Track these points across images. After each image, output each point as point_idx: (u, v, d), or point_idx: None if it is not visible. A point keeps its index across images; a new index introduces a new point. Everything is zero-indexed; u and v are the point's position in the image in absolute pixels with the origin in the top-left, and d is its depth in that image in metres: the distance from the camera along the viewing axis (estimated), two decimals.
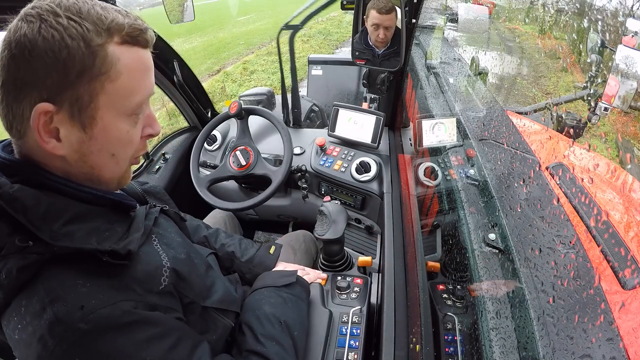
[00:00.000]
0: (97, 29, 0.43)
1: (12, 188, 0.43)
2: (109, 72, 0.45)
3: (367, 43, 1.37)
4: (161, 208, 0.67)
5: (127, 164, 0.53)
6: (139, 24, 0.48)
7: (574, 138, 1.29)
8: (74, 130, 0.45)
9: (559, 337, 0.41)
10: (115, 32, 0.45)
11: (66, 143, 0.46)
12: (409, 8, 1.12)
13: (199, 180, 1.26)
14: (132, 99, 0.48)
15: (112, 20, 0.45)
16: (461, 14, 2.15)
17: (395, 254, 0.91)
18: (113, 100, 0.46)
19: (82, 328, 0.41)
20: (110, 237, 0.49)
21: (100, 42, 0.43)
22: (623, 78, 0.97)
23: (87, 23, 0.43)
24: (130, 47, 0.47)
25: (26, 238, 0.43)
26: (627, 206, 0.96)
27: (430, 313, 0.76)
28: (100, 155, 0.49)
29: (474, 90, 1.37)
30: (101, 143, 0.48)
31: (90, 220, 0.48)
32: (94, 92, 0.44)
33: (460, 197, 0.83)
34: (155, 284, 0.52)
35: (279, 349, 0.64)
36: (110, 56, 0.44)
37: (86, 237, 0.46)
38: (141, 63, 0.48)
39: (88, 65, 0.43)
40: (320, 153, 1.38)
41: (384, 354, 0.68)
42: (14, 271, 0.42)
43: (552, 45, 1.87)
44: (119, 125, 0.48)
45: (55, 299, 0.42)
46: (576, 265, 0.50)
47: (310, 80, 2.60)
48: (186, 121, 1.68)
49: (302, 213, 1.54)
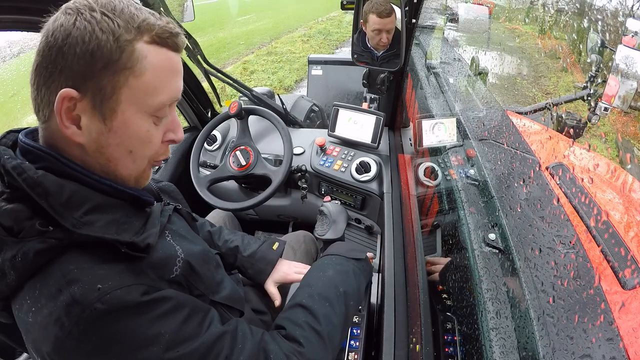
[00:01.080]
0: (128, 26, 0.46)
1: (36, 173, 0.44)
2: (134, 68, 0.46)
3: (366, 45, 1.36)
4: (175, 207, 0.68)
5: (145, 163, 0.54)
6: (170, 28, 0.49)
7: (574, 138, 1.29)
8: (94, 120, 0.47)
9: (559, 337, 0.41)
10: (145, 31, 0.47)
11: (86, 132, 0.47)
12: (409, 8, 1.12)
13: (199, 180, 1.26)
14: (155, 98, 0.49)
15: (143, 20, 0.47)
16: (461, 14, 2.16)
17: (395, 254, 0.91)
18: (135, 95, 0.47)
19: (99, 308, 0.42)
20: (128, 229, 0.50)
21: (129, 38, 0.45)
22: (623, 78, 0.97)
23: (119, 20, 0.45)
24: (158, 47, 0.48)
25: (46, 223, 0.44)
26: (627, 206, 0.96)
27: (430, 313, 0.76)
28: (118, 150, 0.50)
29: (474, 90, 1.37)
30: (120, 137, 0.49)
31: (110, 211, 0.49)
32: (117, 84, 0.46)
33: (460, 197, 0.83)
34: (167, 272, 0.53)
35: (329, 311, 0.64)
36: (137, 53, 0.46)
37: (106, 227, 0.47)
38: (167, 64, 0.50)
39: (114, 58, 0.45)
40: (320, 153, 1.38)
41: (384, 354, 0.68)
42: (31, 254, 0.43)
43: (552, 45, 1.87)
44: (139, 122, 0.49)
45: (71, 280, 0.43)
46: (576, 265, 0.50)
47: (310, 80, 2.60)
48: (186, 121, 1.68)
49: (302, 213, 1.54)
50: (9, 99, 2.94)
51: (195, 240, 0.65)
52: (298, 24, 9.06)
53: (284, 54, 6.62)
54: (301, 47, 6.87)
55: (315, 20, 9.18)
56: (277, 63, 6.12)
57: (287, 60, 6.25)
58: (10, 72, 3.29)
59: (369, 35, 1.33)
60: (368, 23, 1.30)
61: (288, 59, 6.30)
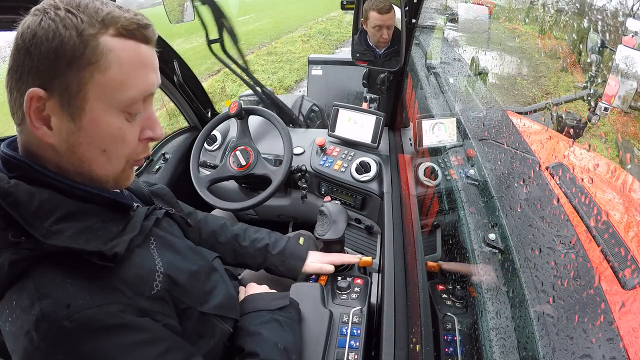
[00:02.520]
0: (92, 21, 0.44)
1: (8, 184, 0.44)
2: (99, 62, 0.45)
3: (368, 44, 1.37)
4: (166, 211, 0.66)
5: (122, 163, 0.52)
6: (138, 19, 0.48)
7: (574, 138, 1.29)
8: (63, 119, 0.46)
9: (559, 337, 0.41)
10: (110, 24, 0.45)
11: (57, 132, 0.46)
12: (409, 8, 1.12)
13: (199, 180, 1.26)
14: (124, 93, 0.47)
15: (108, 13, 0.46)
16: (461, 14, 2.16)
17: (395, 254, 0.91)
18: (103, 91, 0.46)
19: (67, 326, 0.42)
20: (101, 236, 0.48)
21: (93, 32, 0.44)
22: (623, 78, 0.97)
23: (82, 15, 0.44)
24: (125, 40, 0.47)
25: (19, 233, 0.44)
26: (627, 206, 0.96)
27: (430, 313, 0.76)
28: (90, 149, 0.48)
29: (474, 90, 1.37)
30: (90, 136, 0.47)
31: (82, 218, 0.48)
32: (82, 80, 0.45)
33: (460, 197, 0.83)
34: (147, 288, 0.51)
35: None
36: (102, 47, 0.45)
37: (75, 235, 0.46)
38: (135, 57, 0.48)
39: (78, 54, 0.44)
40: (320, 153, 1.38)
41: (384, 354, 0.68)
42: (6, 265, 0.43)
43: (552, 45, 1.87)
44: (109, 119, 0.48)
45: (43, 295, 0.42)
46: (576, 265, 0.50)
47: (310, 80, 2.60)
48: (186, 121, 1.68)
49: (302, 213, 1.54)
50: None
51: (182, 250, 0.63)
52: (298, 24, 9.06)
53: (284, 54, 6.62)
54: (301, 47, 6.87)
55: (315, 20, 9.18)
56: (277, 63, 6.12)
57: (287, 60, 6.25)
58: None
59: (370, 32, 1.34)
60: (369, 20, 1.31)
61: (288, 59, 6.30)
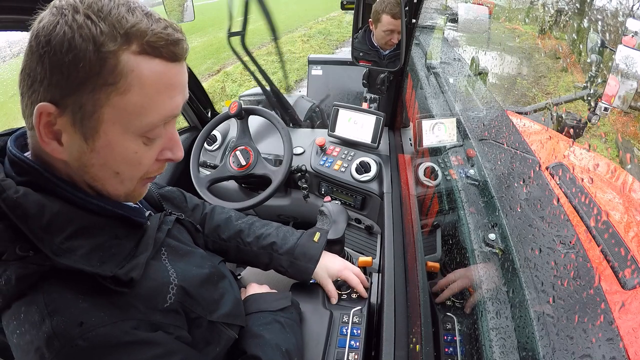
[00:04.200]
0: (113, 32, 0.39)
1: (16, 193, 0.41)
2: (117, 84, 0.40)
3: (372, 44, 1.36)
4: (177, 217, 0.64)
5: (135, 183, 0.49)
6: (167, 33, 0.42)
7: (574, 138, 1.29)
8: (75, 138, 0.42)
9: (559, 337, 0.41)
10: (134, 38, 0.40)
11: (67, 149, 0.43)
12: (409, 8, 1.12)
13: (199, 180, 1.26)
14: (143, 118, 0.43)
15: (133, 25, 0.40)
16: (461, 14, 2.15)
17: (395, 254, 0.91)
18: (120, 115, 0.42)
19: (80, 345, 0.40)
20: (115, 254, 0.46)
21: (113, 48, 0.39)
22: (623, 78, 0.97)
23: (103, 24, 0.39)
24: (149, 58, 0.41)
25: (27, 247, 0.41)
26: (627, 206, 0.96)
27: (430, 313, 0.76)
28: (103, 170, 0.45)
29: (474, 90, 1.37)
30: (104, 158, 0.44)
31: (95, 234, 0.46)
32: (97, 102, 0.40)
33: (460, 197, 0.83)
34: (160, 301, 0.50)
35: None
36: (122, 66, 0.40)
37: (89, 255, 0.43)
38: (160, 79, 0.42)
39: (94, 72, 0.39)
40: (320, 153, 1.38)
41: (384, 354, 0.68)
42: (13, 279, 0.41)
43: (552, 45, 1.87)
44: (125, 144, 0.44)
45: (54, 311, 0.40)
46: (576, 265, 0.50)
47: (310, 80, 2.60)
48: (186, 121, 1.68)
49: (302, 213, 1.54)
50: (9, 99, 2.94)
51: (193, 258, 0.61)
52: (298, 24, 9.06)
53: (284, 54, 6.62)
54: (301, 47, 6.86)
55: (315, 20, 9.17)
56: (277, 63, 6.11)
57: (287, 60, 6.25)
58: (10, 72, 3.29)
59: (379, 35, 1.32)
60: (380, 23, 1.29)
61: (288, 59, 6.30)
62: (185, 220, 0.68)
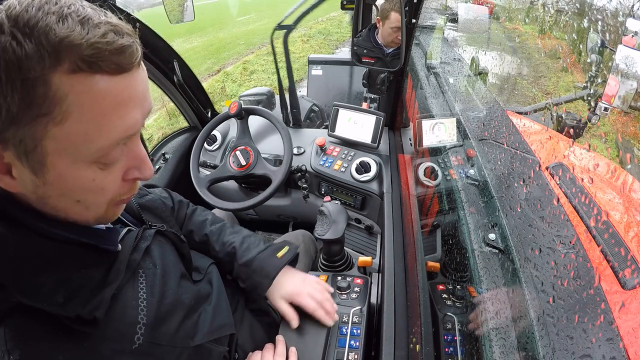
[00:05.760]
0: (40, 52, 0.32)
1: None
2: (52, 113, 0.34)
3: (376, 41, 1.36)
4: (157, 230, 0.60)
5: (103, 208, 0.45)
6: (107, 42, 0.34)
7: (574, 138, 1.29)
8: (25, 172, 0.38)
9: (559, 337, 0.41)
10: (65, 54, 0.33)
11: (20, 182, 0.39)
12: (409, 8, 1.12)
13: (199, 180, 1.26)
14: (91, 145, 0.37)
15: (62, 38, 0.32)
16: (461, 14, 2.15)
17: (395, 254, 0.91)
18: (64, 146, 0.36)
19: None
20: (83, 287, 0.43)
21: (40, 72, 0.32)
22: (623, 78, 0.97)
23: (29, 43, 0.32)
24: (87, 75, 0.34)
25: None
26: (627, 206, 0.96)
27: (430, 313, 0.76)
28: (62, 200, 0.41)
29: (474, 90, 1.37)
30: (59, 189, 0.40)
31: (60, 266, 0.42)
32: (36, 135, 0.35)
33: (460, 197, 0.83)
34: (128, 342, 0.46)
35: None
36: (54, 91, 0.33)
37: (54, 291, 0.40)
38: (104, 98, 0.35)
39: (25, 104, 0.33)
40: (320, 153, 1.38)
41: (383, 354, 0.68)
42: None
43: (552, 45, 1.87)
44: (78, 173, 0.39)
45: (14, 348, 0.38)
46: (576, 265, 0.50)
47: (310, 80, 2.60)
48: (186, 121, 1.68)
49: (302, 213, 1.54)
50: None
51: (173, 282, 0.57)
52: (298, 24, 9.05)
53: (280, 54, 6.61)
54: (301, 47, 6.86)
55: (315, 20, 9.17)
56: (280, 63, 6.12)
57: None
58: None
59: (386, 32, 1.32)
60: (389, 20, 1.29)
61: None
62: (168, 230, 0.62)
